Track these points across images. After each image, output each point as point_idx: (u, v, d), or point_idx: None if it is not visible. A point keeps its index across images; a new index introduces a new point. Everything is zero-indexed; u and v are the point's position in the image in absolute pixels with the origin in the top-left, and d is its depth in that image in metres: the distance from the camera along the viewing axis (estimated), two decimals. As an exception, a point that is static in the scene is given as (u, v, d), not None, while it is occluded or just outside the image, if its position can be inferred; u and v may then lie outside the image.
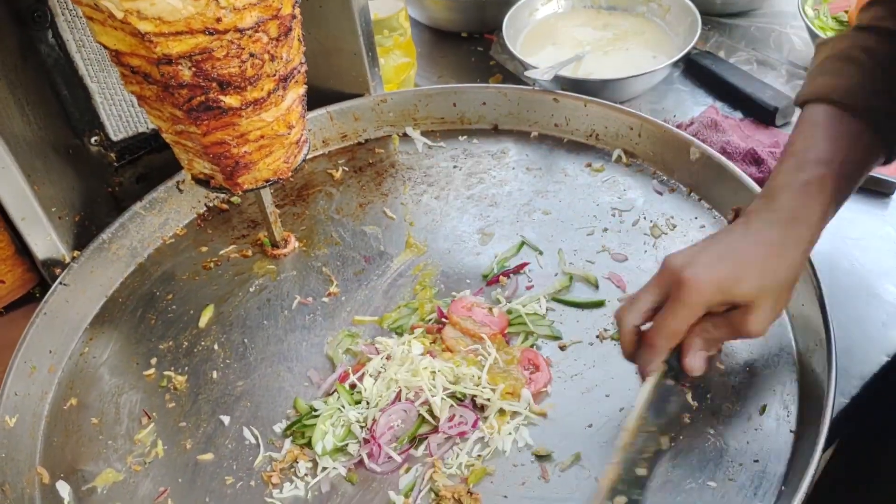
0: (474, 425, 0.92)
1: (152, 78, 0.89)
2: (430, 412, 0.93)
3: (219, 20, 0.84)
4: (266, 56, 0.91)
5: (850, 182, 0.86)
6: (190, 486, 0.93)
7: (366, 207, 1.26)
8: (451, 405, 0.94)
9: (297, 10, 0.95)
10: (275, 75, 0.94)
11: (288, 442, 0.95)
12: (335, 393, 0.98)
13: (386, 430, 0.93)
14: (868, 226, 1.16)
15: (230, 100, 0.92)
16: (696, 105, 1.41)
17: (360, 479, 0.91)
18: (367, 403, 0.96)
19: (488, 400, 0.93)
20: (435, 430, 0.93)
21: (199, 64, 0.87)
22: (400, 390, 0.95)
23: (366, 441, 0.92)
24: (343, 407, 0.96)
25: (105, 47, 0.89)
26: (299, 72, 1.00)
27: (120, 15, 0.82)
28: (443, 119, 1.37)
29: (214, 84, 0.90)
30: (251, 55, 0.90)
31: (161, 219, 1.24)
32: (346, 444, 0.93)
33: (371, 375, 0.98)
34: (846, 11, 1.45)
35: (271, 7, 0.88)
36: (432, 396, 0.93)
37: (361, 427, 0.94)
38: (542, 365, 0.98)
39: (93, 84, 1.16)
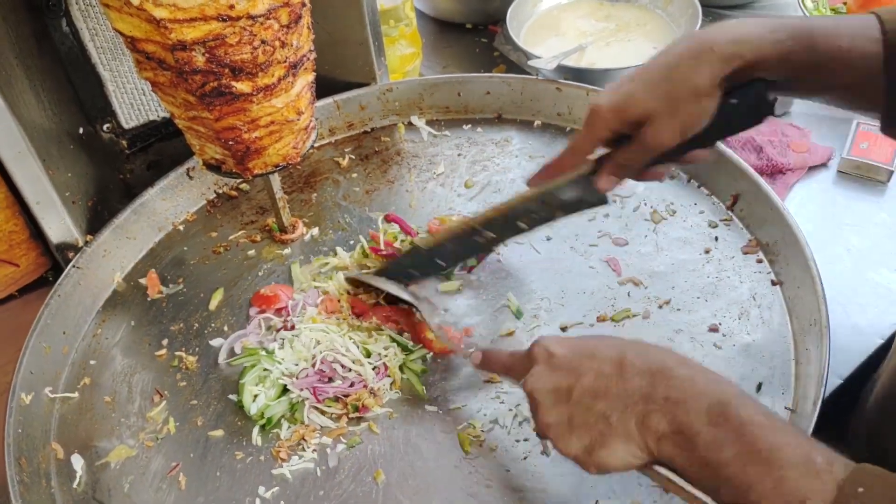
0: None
1: (167, 64, 0.91)
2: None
3: (232, 7, 0.87)
4: (277, 43, 0.94)
5: (822, 66, 0.78)
6: (201, 461, 0.95)
7: (372, 194, 1.28)
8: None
9: (307, -1, 0.98)
10: (285, 62, 0.97)
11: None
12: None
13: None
14: (864, 212, 1.19)
15: (242, 86, 0.95)
16: (696, 95, 1.43)
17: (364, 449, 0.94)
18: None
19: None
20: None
21: (212, 50, 0.90)
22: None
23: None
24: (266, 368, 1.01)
25: (121, 34, 0.91)
26: (308, 59, 1.02)
27: (136, 2, 0.84)
28: (447, 108, 1.39)
29: (227, 70, 0.92)
30: (263, 42, 0.92)
31: (172, 205, 1.27)
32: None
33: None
34: (844, 3, 1.47)
35: (282, -6, 0.91)
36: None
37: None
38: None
39: (105, 72, 1.18)
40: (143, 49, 0.91)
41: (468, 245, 1.03)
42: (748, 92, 0.81)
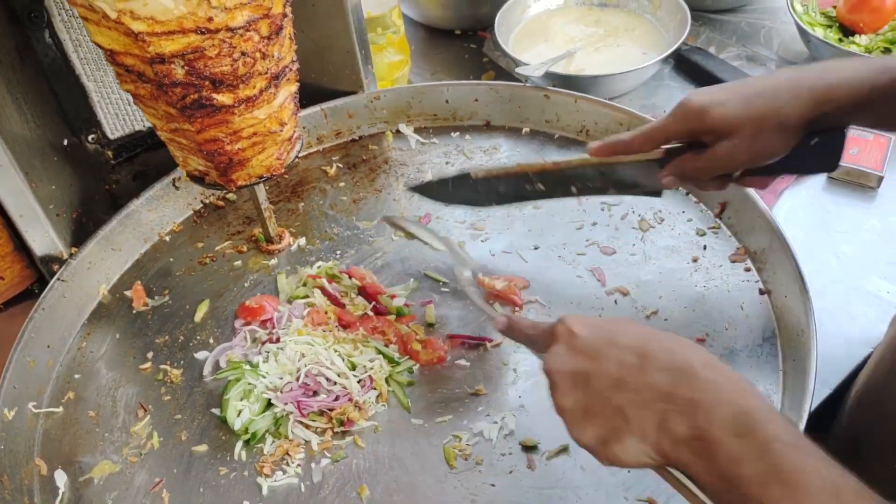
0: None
1: (146, 77, 0.91)
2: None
3: (210, 20, 0.86)
4: (258, 54, 0.93)
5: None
6: (185, 477, 0.95)
7: (359, 203, 1.27)
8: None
9: (289, 9, 0.97)
10: (266, 73, 0.96)
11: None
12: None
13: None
14: (854, 219, 1.18)
15: (223, 97, 0.94)
16: (686, 101, 1.42)
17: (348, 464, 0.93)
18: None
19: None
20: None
21: (191, 62, 0.89)
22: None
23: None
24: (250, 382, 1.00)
25: (100, 47, 0.90)
26: (291, 70, 1.01)
27: (113, 15, 0.84)
28: (435, 115, 1.38)
29: (207, 82, 0.91)
30: (243, 54, 0.91)
31: (158, 215, 1.26)
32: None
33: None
34: (834, 7, 1.46)
35: (262, 6, 0.90)
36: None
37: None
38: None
39: (89, 83, 1.18)
40: (123, 62, 0.91)
41: (515, 188, 1.02)
42: (829, 139, 0.84)
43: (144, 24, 0.84)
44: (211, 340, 1.09)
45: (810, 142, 0.84)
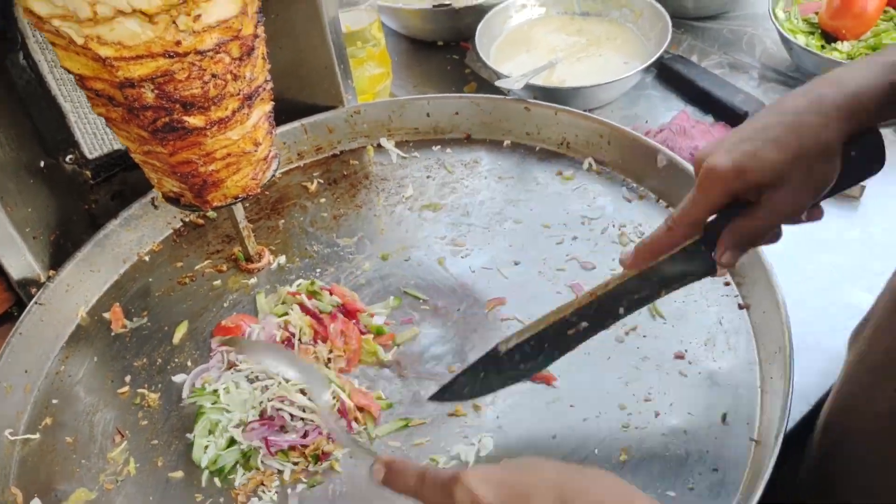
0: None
1: (116, 101, 0.90)
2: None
3: (178, 43, 0.85)
4: (229, 76, 0.92)
5: None
6: (162, 504, 0.94)
7: (340, 220, 1.27)
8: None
9: (261, 29, 0.96)
10: (239, 94, 0.95)
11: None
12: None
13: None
14: (836, 229, 1.17)
15: (194, 120, 0.93)
16: (667, 110, 1.42)
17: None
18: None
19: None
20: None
21: (161, 86, 0.88)
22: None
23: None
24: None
25: (69, 72, 0.90)
26: (265, 89, 1.01)
27: (80, 41, 0.83)
28: (416, 129, 1.38)
29: (178, 105, 0.91)
30: (213, 76, 0.91)
31: (137, 235, 1.26)
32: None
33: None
34: (816, 13, 1.45)
35: (232, 28, 0.89)
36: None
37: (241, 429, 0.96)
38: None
39: (66, 104, 1.17)
40: (93, 87, 0.90)
41: (558, 340, 0.87)
42: (866, 143, 0.78)
43: (112, 49, 0.84)
44: (189, 363, 1.08)
45: (851, 153, 0.78)
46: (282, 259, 1.21)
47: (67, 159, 1.21)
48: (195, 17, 0.84)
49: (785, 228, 0.83)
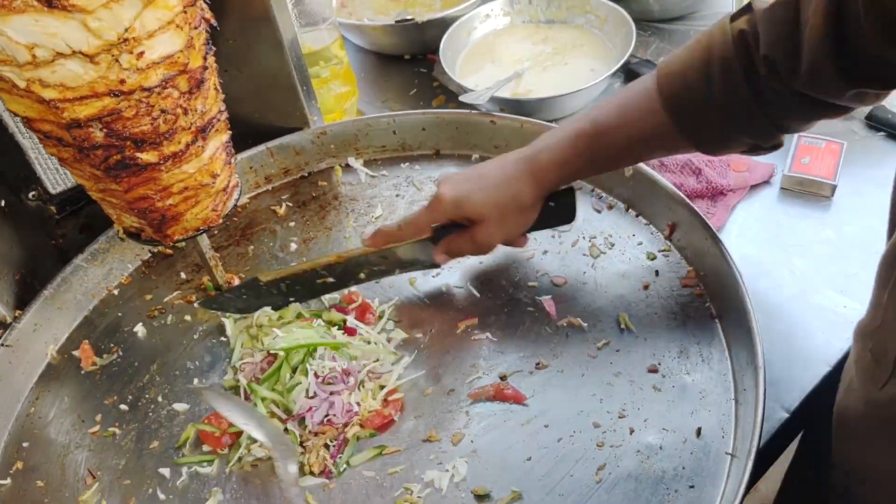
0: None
1: (65, 141, 0.88)
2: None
3: (122, 81, 0.84)
4: (179, 110, 0.91)
5: (624, 152, 0.97)
6: (134, 547, 0.92)
7: (309, 243, 1.25)
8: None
9: (211, 60, 0.95)
10: (191, 128, 0.94)
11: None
12: None
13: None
14: (809, 231, 1.16)
15: (147, 156, 0.92)
16: (637, 115, 1.40)
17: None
18: None
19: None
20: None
21: (109, 125, 0.86)
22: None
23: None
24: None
25: (15, 115, 0.88)
26: (219, 120, 0.99)
27: (22, 84, 0.81)
28: (384, 147, 1.36)
29: (128, 142, 0.89)
30: (162, 111, 0.89)
31: (105, 269, 1.24)
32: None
33: None
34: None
35: (177, 63, 0.88)
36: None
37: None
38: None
39: (25, 140, 1.15)
40: (40, 129, 0.88)
41: (306, 285, 1.10)
42: (564, 200, 1.05)
43: (55, 91, 0.82)
44: (160, 398, 1.07)
45: (549, 203, 1.03)
46: (251, 287, 1.19)
47: (30, 196, 1.19)
48: (138, 55, 0.82)
49: (757, 234, 1.03)
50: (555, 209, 1.04)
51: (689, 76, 0.87)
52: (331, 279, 1.10)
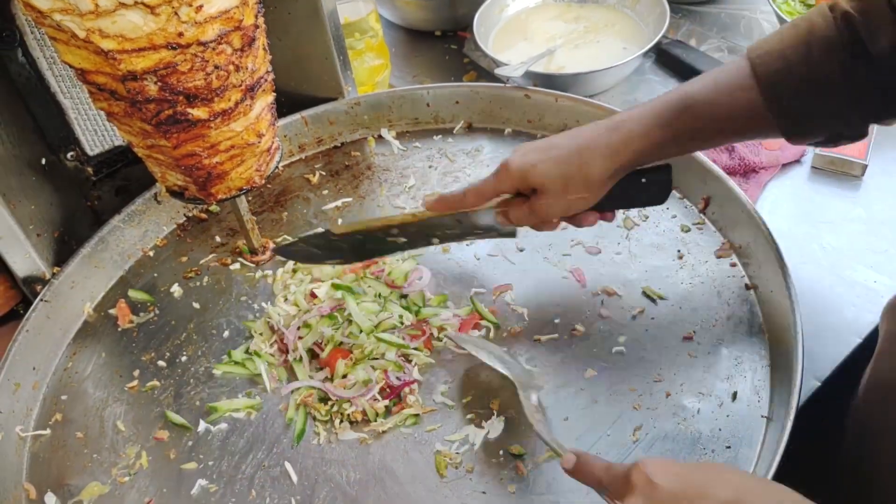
0: None
1: (119, 94, 0.90)
2: None
3: (181, 35, 0.85)
4: (231, 67, 0.92)
5: (710, 129, 0.90)
6: (175, 495, 0.94)
7: (343, 211, 1.27)
8: None
9: (261, 20, 0.96)
10: (241, 85, 0.95)
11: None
12: None
13: None
14: (839, 209, 1.18)
15: (198, 112, 0.93)
16: (668, 95, 1.42)
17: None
18: None
19: None
20: None
21: (164, 78, 0.88)
22: None
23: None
24: None
25: (70, 66, 0.89)
26: (266, 81, 1.00)
27: (82, 34, 0.83)
28: (417, 119, 1.38)
29: (181, 97, 0.90)
30: (216, 67, 0.90)
31: (141, 231, 1.25)
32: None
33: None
34: (814, -6, 1.45)
35: (233, 19, 0.89)
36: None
37: None
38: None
39: (66, 100, 1.16)
40: (94, 81, 0.90)
41: (378, 242, 1.05)
42: (658, 177, 0.95)
43: (114, 41, 0.83)
44: (199, 354, 1.08)
45: (640, 179, 0.95)
46: (286, 251, 1.21)
47: (69, 156, 1.21)
48: (197, 8, 0.84)
49: (789, 211, 0.94)
50: (646, 185, 0.95)
51: (788, 54, 0.84)
52: (402, 239, 1.04)
